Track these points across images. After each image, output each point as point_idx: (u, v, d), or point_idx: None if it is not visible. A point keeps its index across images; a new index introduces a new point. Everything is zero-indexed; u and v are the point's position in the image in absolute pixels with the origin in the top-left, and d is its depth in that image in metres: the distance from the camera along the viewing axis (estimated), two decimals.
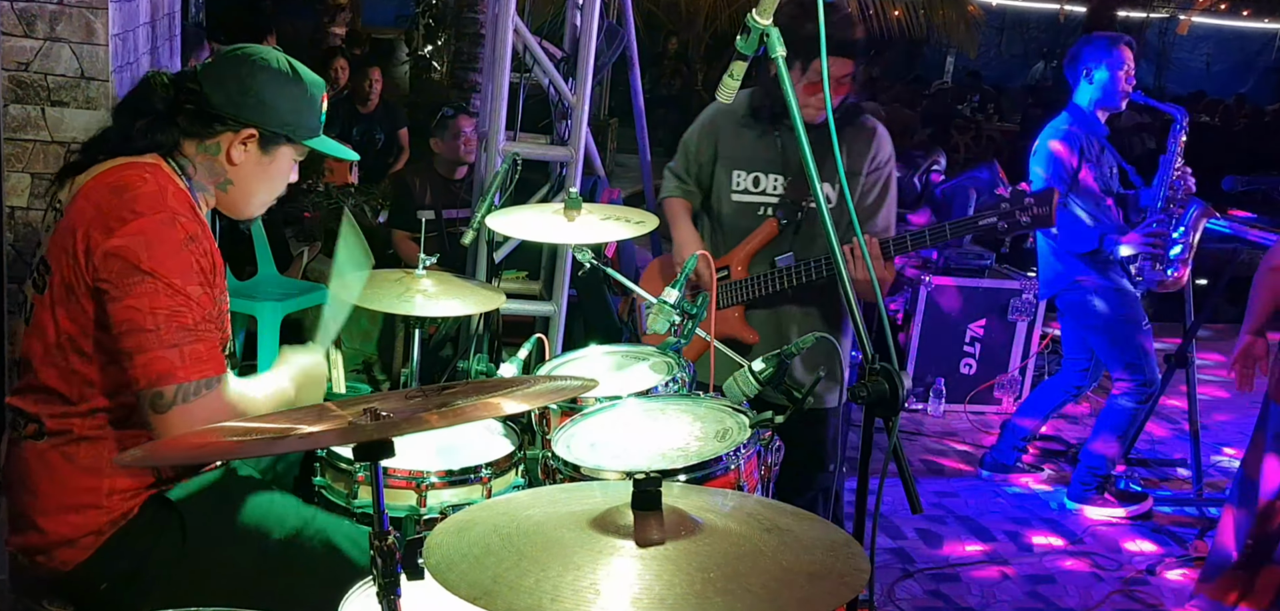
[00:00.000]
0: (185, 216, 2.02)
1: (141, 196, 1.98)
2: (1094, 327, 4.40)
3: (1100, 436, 4.54)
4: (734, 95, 2.02)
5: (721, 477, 2.04)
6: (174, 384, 1.91)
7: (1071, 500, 4.64)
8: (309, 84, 2.18)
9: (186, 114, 2.10)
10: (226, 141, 2.11)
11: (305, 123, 2.18)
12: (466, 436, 2.51)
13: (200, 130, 2.10)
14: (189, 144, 2.11)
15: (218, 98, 2.09)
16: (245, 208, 2.23)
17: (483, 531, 1.44)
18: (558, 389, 1.87)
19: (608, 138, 12.29)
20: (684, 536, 1.41)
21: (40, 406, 2.04)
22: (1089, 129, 4.30)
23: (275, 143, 2.15)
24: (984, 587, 3.93)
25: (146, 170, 2.04)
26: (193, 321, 1.94)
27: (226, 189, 2.17)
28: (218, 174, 2.14)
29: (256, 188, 2.20)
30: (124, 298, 1.91)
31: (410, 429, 1.42)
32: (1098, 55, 4.29)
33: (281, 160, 2.19)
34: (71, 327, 1.99)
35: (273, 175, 2.20)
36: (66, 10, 3.12)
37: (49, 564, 2.06)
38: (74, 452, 2.03)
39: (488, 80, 4.79)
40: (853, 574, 1.38)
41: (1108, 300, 4.33)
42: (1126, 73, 4.28)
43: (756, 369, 2.05)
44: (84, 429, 2.03)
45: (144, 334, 1.90)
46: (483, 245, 3.93)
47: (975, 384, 5.69)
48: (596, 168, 5.49)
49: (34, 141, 3.20)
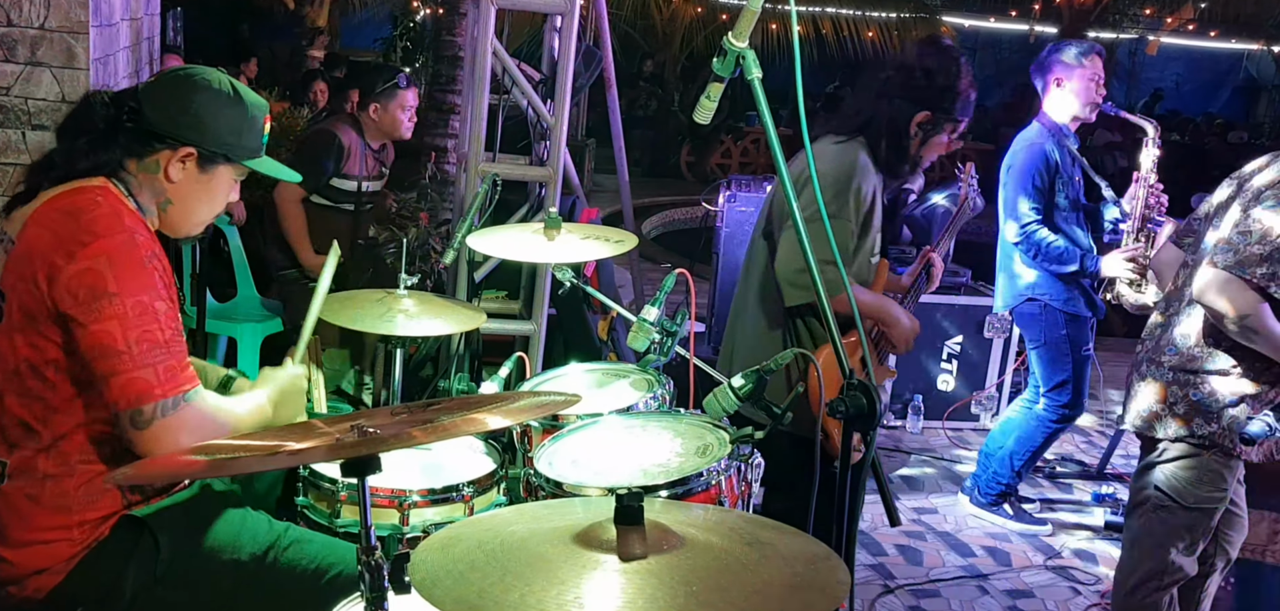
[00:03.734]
0: (142, 234, 2.02)
1: (98, 218, 1.98)
2: (1037, 342, 4.38)
3: (1011, 444, 4.52)
4: (710, 116, 2.05)
5: (703, 493, 2.07)
6: (152, 401, 1.91)
7: (970, 501, 4.68)
8: (250, 105, 2.17)
9: (126, 132, 2.09)
10: (165, 159, 2.10)
11: (245, 143, 2.18)
12: (448, 455, 2.53)
13: (139, 149, 2.10)
14: (131, 162, 2.10)
15: (157, 116, 2.09)
16: (184, 226, 2.21)
17: (467, 547, 1.45)
18: (541, 404, 1.90)
19: (585, 158, 12.34)
20: (666, 550, 1.43)
21: (2, 445, 2.02)
22: (1059, 140, 4.22)
23: (213, 162, 2.15)
24: (963, 602, 3.96)
25: (97, 193, 2.03)
26: (164, 338, 1.94)
27: (166, 209, 2.16)
28: (158, 192, 2.13)
29: (195, 206, 2.18)
30: (93, 323, 1.90)
31: (397, 445, 1.43)
32: (1068, 66, 4.21)
33: (220, 179, 2.18)
34: (31, 353, 1.98)
35: (212, 194, 2.19)
36: (48, 35, 3.13)
37: (21, 593, 2.04)
38: (38, 493, 2.01)
39: (467, 102, 4.83)
40: (833, 586, 1.40)
41: (1058, 320, 4.28)
42: (1097, 83, 4.21)
43: (736, 385, 2.07)
44: (48, 467, 2.01)
45: (117, 356, 1.90)
46: (463, 265, 3.94)
47: (953, 400, 5.73)
48: (575, 187, 5.52)
49: (15, 166, 3.20)
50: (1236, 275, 2.69)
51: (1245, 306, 2.69)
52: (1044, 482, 5.12)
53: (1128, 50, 20.45)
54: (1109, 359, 6.51)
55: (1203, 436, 2.86)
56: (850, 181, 2.75)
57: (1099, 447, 5.46)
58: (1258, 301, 2.69)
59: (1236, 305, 2.70)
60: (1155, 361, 2.96)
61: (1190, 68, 22.77)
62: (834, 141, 2.87)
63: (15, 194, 2.12)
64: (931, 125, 2.85)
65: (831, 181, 2.73)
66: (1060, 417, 4.39)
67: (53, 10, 3.11)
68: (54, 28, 3.12)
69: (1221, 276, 2.71)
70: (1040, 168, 4.16)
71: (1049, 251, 4.16)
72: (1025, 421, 4.48)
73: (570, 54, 4.34)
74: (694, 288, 2.92)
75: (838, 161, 2.79)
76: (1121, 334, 6.83)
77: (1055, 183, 4.18)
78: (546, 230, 2.82)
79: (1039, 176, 4.16)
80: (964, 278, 5.84)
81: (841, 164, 2.78)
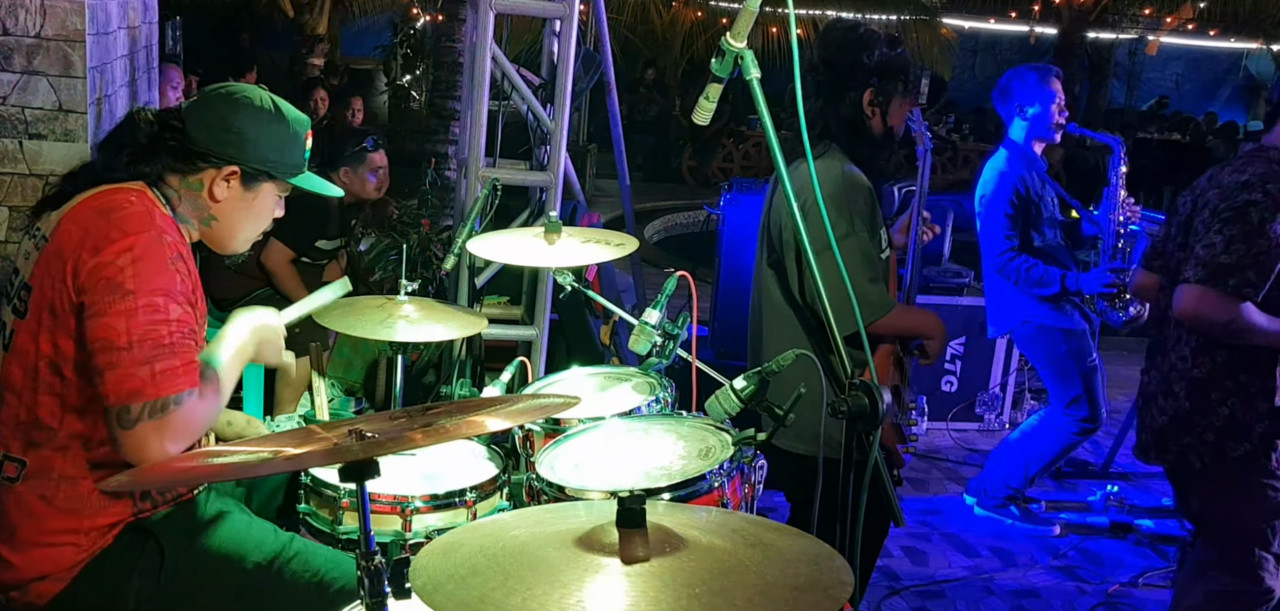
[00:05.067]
0: (171, 236, 2.03)
1: (130, 216, 2.00)
2: (1042, 363, 4.41)
3: (1026, 450, 4.51)
4: (709, 117, 2.04)
5: (705, 496, 2.05)
6: (141, 402, 1.90)
7: (977, 505, 4.66)
8: (292, 122, 2.20)
9: (169, 150, 2.11)
10: (209, 178, 2.13)
11: (288, 160, 2.20)
12: (451, 461, 2.52)
13: (183, 166, 2.12)
14: (173, 177, 2.13)
15: (200, 135, 2.11)
16: (230, 243, 2.25)
17: (469, 552, 1.44)
18: (541, 405, 1.88)
19: (587, 163, 12.36)
20: (669, 553, 1.41)
21: (20, 443, 2.03)
22: (1028, 165, 4.27)
23: (258, 180, 2.17)
24: (969, 603, 3.95)
25: (132, 194, 2.06)
26: (169, 340, 1.94)
27: (210, 224, 2.19)
28: (201, 209, 2.16)
29: (240, 224, 2.21)
30: (102, 315, 1.92)
31: (395, 448, 1.42)
32: (1029, 91, 4.28)
33: (265, 197, 2.21)
34: (52, 351, 1.99)
35: (257, 212, 2.22)
36: (44, 43, 3.12)
37: (24, 599, 2.04)
38: (53, 494, 2.02)
39: (466, 108, 4.82)
40: (837, 586, 1.39)
41: (1055, 338, 4.31)
42: (1059, 106, 4.28)
43: (738, 387, 2.06)
44: (64, 468, 2.02)
45: (117, 352, 1.91)
46: (464, 270, 3.93)
47: (957, 401, 5.72)
48: (576, 192, 5.51)
49: (11, 175, 3.19)
50: (1210, 288, 2.71)
51: (1227, 313, 2.72)
52: (1050, 482, 5.10)
53: (1127, 50, 20.45)
54: (1111, 359, 6.49)
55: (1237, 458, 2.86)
56: (844, 192, 2.68)
57: (1104, 447, 5.45)
58: (1237, 303, 2.71)
59: (1218, 313, 2.73)
60: (1169, 393, 2.95)
61: (1190, 67, 22.78)
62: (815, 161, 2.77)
63: (47, 197, 2.14)
64: (881, 96, 2.76)
65: (831, 202, 2.64)
66: (1080, 430, 4.40)
67: (49, 18, 3.10)
68: (51, 36, 3.11)
69: (1196, 291, 2.74)
70: (1011, 196, 4.23)
71: (1029, 276, 4.20)
72: (1043, 432, 4.49)
73: (569, 58, 4.33)
74: (696, 290, 2.91)
75: (827, 182, 2.65)
76: (1124, 333, 6.82)
77: (1029, 207, 4.23)
78: (547, 234, 2.81)
79: (1011, 205, 4.22)
80: (967, 278, 5.83)
81: (830, 182, 2.66)
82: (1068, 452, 4.52)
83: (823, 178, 2.65)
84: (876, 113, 2.79)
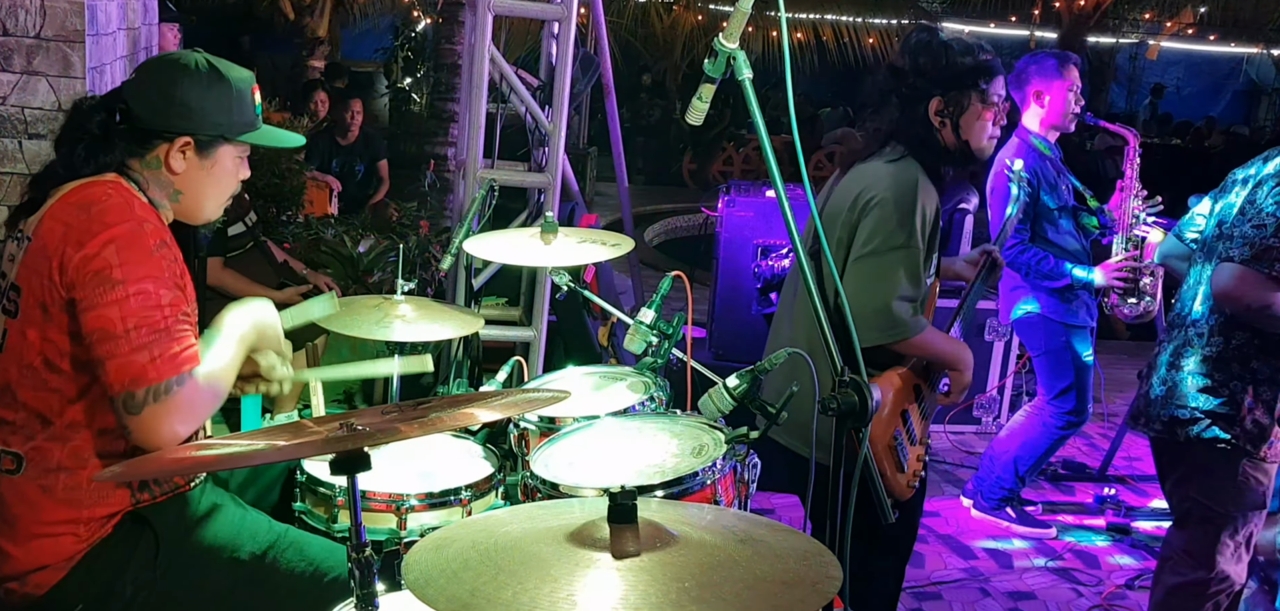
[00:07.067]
0: (152, 222, 2.04)
1: (110, 208, 2.00)
2: (1038, 351, 4.40)
3: (1014, 446, 4.51)
4: (702, 117, 2.05)
5: (698, 493, 2.07)
6: (145, 386, 1.92)
7: (974, 507, 4.66)
8: (234, 81, 2.17)
9: (120, 134, 2.10)
10: (164, 153, 2.12)
11: (238, 119, 2.17)
12: (447, 459, 2.53)
13: (137, 147, 2.11)
14: (133, 162, 2.12)
15: (144, 112, 2.10)
16: (199, 213, 2.22)
17: (461, 547, 1.45)
18: (530, 399, 1.89)
19: (587, 167, 12.36)
20: (659, 548, 1.42)
21: (19, 436, 2.04)
22: (1040, 155, 4.21)
23: (212, 146, 2.15)
24: (965, 604, 3.95)
25: (109, 186, 2.06)
26: (165, 323, 1.95)
27: (178, 199, 2.17)
28: (166, 186, 2.15)
29: (206, 192, 2.19)
30: (95, 307, 1.93)
31: (385, 440, 1.43)
32: (1047, 77, 4.20)
33: (223, 159, 2.19)
34: (46, 346, 2.00)
35: (218, 177, 2.20)
36: (44, 44, 3.13)
37: (22, 589, 2.05)
38: (52, 484, 2.03)
39: (465, 109, 4.83)
40: (825, 581, 1.40)
41: (1056, 330, 4.29)
42: (1076, 94, 4.22)
43: (731, 385, 2.07)
44: (62, 458, 2.03)
45: (115, 340, 1.92)
46: (461, 270, 3.94)
47: (954, 403, 5.71)
48: (574, 194, 5.52)
49: (11, 175, 3.20)
50: (1254, 270, 2.71)
51: (1264, 298, 2.72)
52: (1046, 485, 5.11)
53: (1128, 55, 20.45)
54: (1111, 363, 6.51)
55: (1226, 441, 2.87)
56: (914, 204, 2.58)
57: (1101, 450, 5.45)
58: (1276, 289, 2.72)
59: (1255, 297, 2.73)
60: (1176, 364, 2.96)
61: (1190, 72, 22.76)
62: (886, 161, 2.67)
63: (20, 205, 2.14)
64: (954, 107, 2.69)
65: (895, 207, 2.57)
66: (1065, 424, 4.38)
67: (49, 19, 3.11)
68: (50, 36, 3.13)
69: (1237, 271, 2.73)
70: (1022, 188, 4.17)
71: (1040, 269, 4.18)
72: (1030, 427, 4.48)
73: (567, 60, 4.34)
74: (691, 290, 2.92)
75: (898, 186, 2.60)
76: (1124, 336, 6.83)
77: (1039, 195, 4.18)
78: (543, 234, 2.83)
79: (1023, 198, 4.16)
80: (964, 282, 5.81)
81: (902, 187, 2.60)
82: (1055, 449, 4.50)
83: (899, 180, 2.61)
84: (946, 124, 2.69)
